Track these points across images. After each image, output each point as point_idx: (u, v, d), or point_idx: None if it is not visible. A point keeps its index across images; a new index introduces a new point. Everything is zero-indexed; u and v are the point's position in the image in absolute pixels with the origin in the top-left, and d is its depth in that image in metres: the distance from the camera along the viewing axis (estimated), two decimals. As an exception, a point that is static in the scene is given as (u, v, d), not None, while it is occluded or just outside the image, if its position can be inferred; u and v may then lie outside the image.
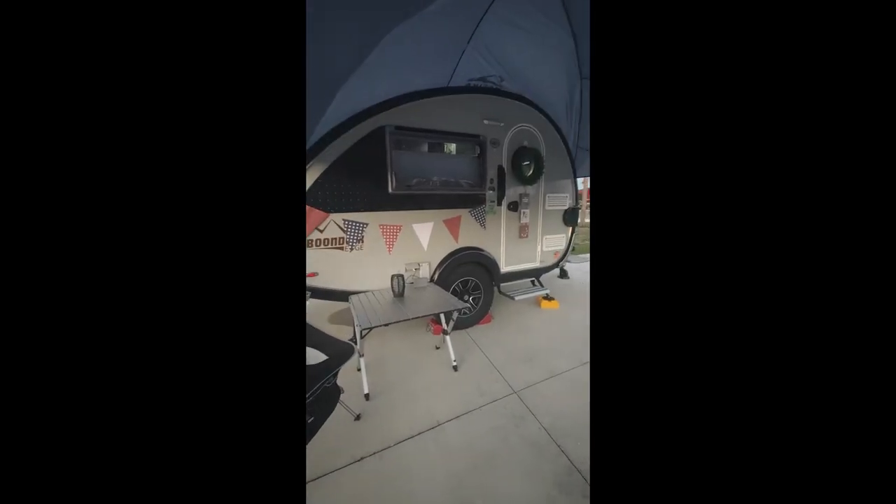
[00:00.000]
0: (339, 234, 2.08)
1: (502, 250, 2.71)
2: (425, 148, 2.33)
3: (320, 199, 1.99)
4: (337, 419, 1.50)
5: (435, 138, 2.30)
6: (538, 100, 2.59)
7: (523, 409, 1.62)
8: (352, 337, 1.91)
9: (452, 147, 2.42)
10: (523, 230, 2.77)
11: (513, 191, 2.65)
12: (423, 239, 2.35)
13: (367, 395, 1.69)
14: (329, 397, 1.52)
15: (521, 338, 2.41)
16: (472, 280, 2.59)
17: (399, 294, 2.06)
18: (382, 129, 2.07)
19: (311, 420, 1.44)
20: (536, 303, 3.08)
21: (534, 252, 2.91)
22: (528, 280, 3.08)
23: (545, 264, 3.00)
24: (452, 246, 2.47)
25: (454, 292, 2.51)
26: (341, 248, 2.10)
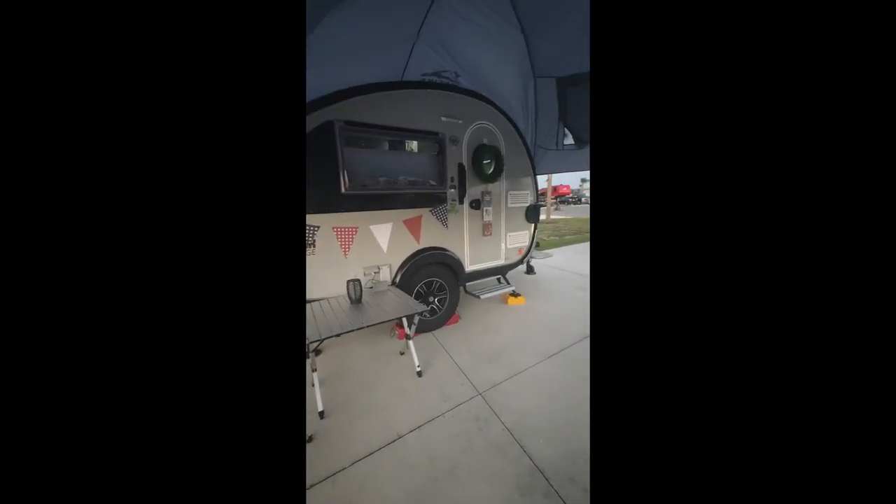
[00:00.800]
0: (286, 238, 1.90)
1: (466, 249, 2.67)
2: (381, 145, 2.22)
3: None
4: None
5: (390, 135, 2.20)
6: (494, 98, 2.59)
7: (487, 410, 1.59)
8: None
9: (411, 145, 2.33)
10: (486, 228, 2.76)
11: (475, 189, 2.63)
12: (382, 240, 2.24)
13: (321, 413, 1.56)
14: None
15: (488, 337, 2.39)
16: (436, 281, 2.52)
17: (356, 300, 1.94)
18: (331, 123, 1.92)
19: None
20: (503, 300, 3.10)
21: (498, 250, 2.91)
22: (494, 278, 3.09)
23: (510, 261, 3.02)
24: (414, 247, 2.38)
25: (418, 294, 2.44)
26: (290, 254, 1.92)
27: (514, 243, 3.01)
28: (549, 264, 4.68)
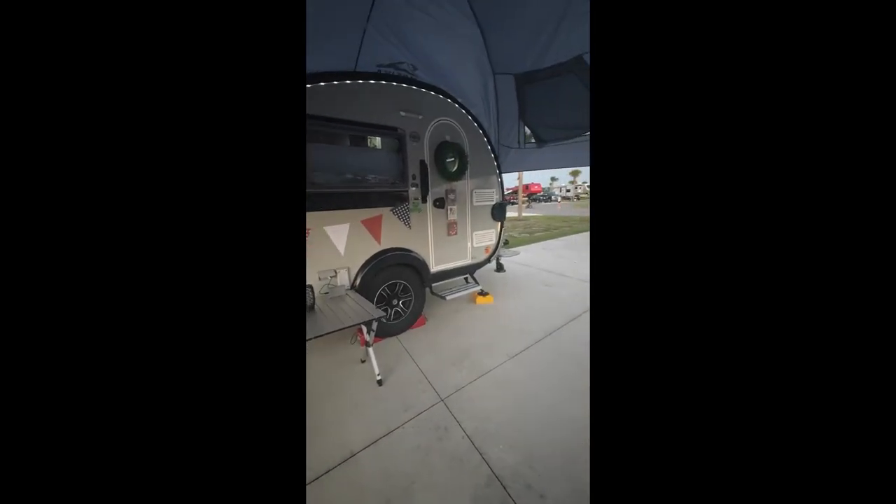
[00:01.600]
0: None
1: (431, 249, 2.60)
2: (334, 141, 2.07)
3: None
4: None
5: (345, 129, 2.06)
6: (456, 94, 2.53)
7: (449, 418, 1.53)
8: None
9: (367, 140, 2.20)
10: (452, 227, 2.70)
11: (438, 188, 2.55)
12: (339, 242, 2.09)
13: (265, 435, 1.41)
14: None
15: (455, 338, 2.34)
16: (400, 283, 2.42)
17: (309, 308, 1.79)
18: (274, 115, 1.74)
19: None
20: (472, 299, 3.07)
21: (464, 249, 2.87)
22: (462, 277, 3.05)
23: (477, 260, 3.00)
24: (374, 248, 2.26)
25: (381, 297, 2.32)
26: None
27: (480, 242, 2.98)
28: (519, 261, 4.75)
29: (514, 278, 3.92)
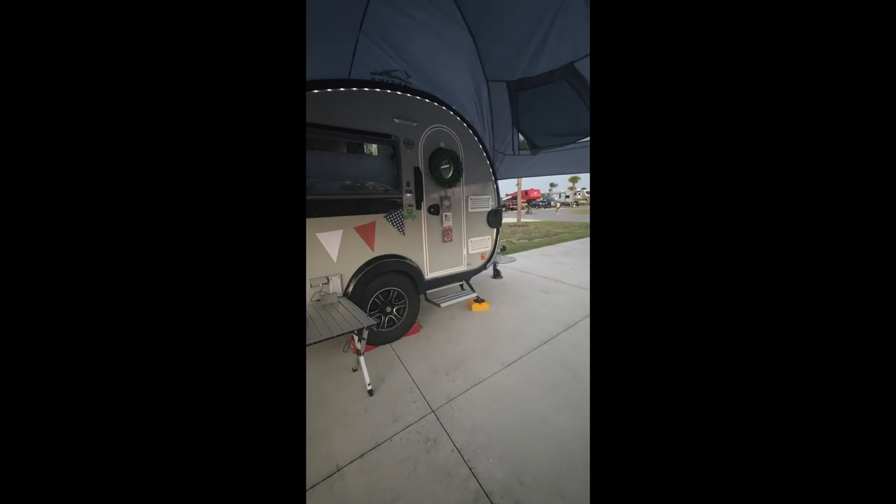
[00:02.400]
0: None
1: (425, 256, 2.58)
2: (328, 147, 2.07)
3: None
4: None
5: (339, 136, 2.06)
6: (450, 101, 2.54)
7: (439, 429, 1.50)
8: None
9: (361, 147, 2.21)
10: (447, 234, 2.69)
11: (433, 194, 2.55)
12: (332, 249, 2.08)
13: (250, 447, 1.38)
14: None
15: (449, 346, 2.31)
16: (394, 290, 2.40)
17: (299, 315, 1.77)
18: (267, 123, 1.75)
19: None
20: (468, 306, 3.04)
21: (459, 256, 2.85)
22: (458, 284, 3.02)
23: (472, 267, 2.97)
24: (368, 255, 2.25)
25: (374, 305, 2.30)
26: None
27: (476, 249, 2.97)
28: (516, 267, 4.73)
29: (511, 285, 3.89)
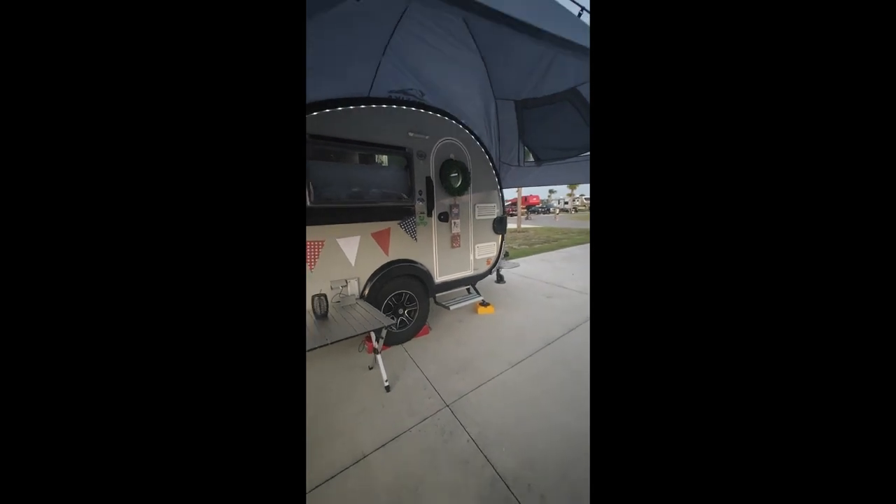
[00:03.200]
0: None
1: (435, 261, 2.71)
2: (348, 159, 2.22)
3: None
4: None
5: (357, 149, 2.21)
6: (460, 116, 2.70)
7: (454, 422, 1.61)
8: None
9: (380, 158, 2.36)
10: (455, 240, 2.83)
11: (443, 202, 2.69)
12: (350, 254, 2.21)
13: (280, 437, 1.49)
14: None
15: (457, 347, 2.42)
16: (406, 293, 2.53)
17: (322, 315, 1.89)
18: (295, 137, 1.90)
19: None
20: (473, 309, 3.16)
21: (467, 261, 2.99)
22: (464, 288, 3.15)
23: (479, 272, 3.11)
24: (382, 259, 2.38)
25: (387, 307, 2.42)
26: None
27: (482, 254, 3.11)
28: (519, 273, 4.86)
29: (514, 289, 4.02)
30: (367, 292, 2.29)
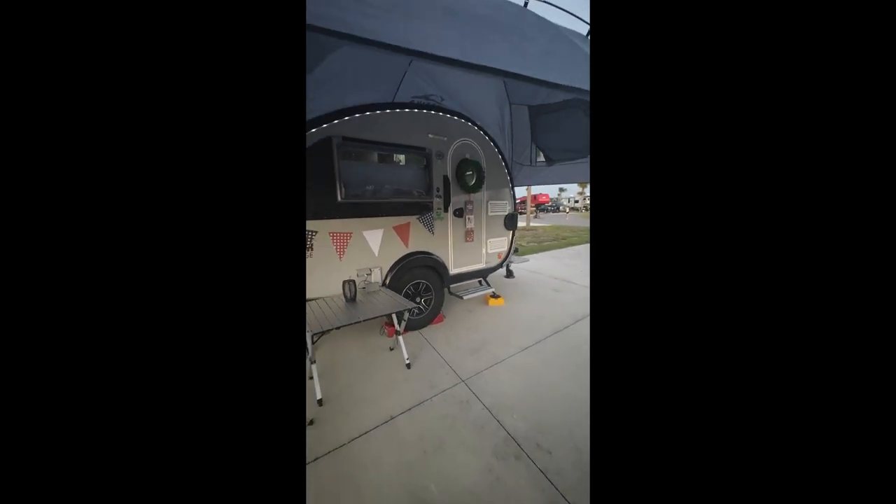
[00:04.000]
0: (285, 242, 2.06)
1: (450, 253, 2.91)
2: (373, 159, 2.43)
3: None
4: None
5: (382, 150, 2.42)
6: (476, 118, 2.88)
7: (469, 394, 1.81)
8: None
9: (400, 158, 2.56)
10: (469, 234, 3.02)
11: (458, 199, 2.88)
12: (374, 245, 2.43)
13: (319, 401, 1.71)
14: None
15: (471, 333, 2.62)
16: (423, 283, 2.73)
17: (351, 299, 2.11)
18: (329, 139, 2.12)
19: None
20: (484, 301, 3.35)
21: (479, 254, 3.17)
22: (476, 280, 3.34)
23: (490, 265, 3.29)
24: (403, 251, 2.59)
25: (406, 295, 2.63)
26: (288, 257, 2.08)
27: (494, 248, 3.28)
28: (528, 269, 5.01)
29: (523, 284, 4.18)
30: (388, 281, 2.50)
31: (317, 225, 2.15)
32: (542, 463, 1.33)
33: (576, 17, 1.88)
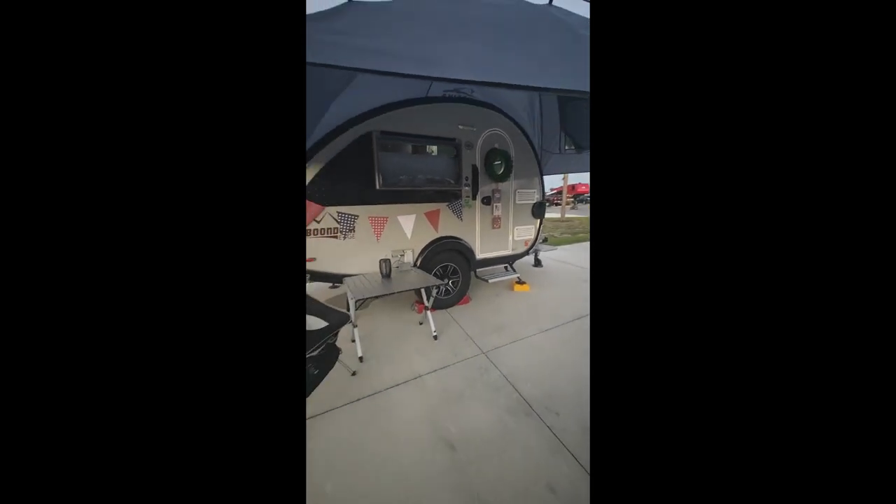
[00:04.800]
0: (333, 224, 2.39)
1: (477, 239, 3.08)
2: (408, 150, 2.66)
3: (317, 194, 2.29)
4: (336, 374, 1.84)
5: (416, 141, 2.64)
6: (505, 108, 2.96)
7: (489, 363, 2.00)
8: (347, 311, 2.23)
9: (432, 149, 2.76)
10: (496, 222, 3.15)
11: (486, 187, 3.02)
12: (407, 229, 2.68)
13: (360, 358, 2.03)
14: (330, 355, 1.86)
15: (494, 315, 2.79)
16: (450, 265, 2.94)
17: (386, 275, 2.40)
18: (370, 133, 2.38)
19: (317, 372, 1.78)
20: (510, 286, 3.48)
21: (506, 241, 3.29)
22: (502, 266, 3.47)
23: (516, 252, 3.40)
24: (433, 235, 2.82)
25: (435, 276, 2.86)
26: (336, 237, 2.42)
27: (520, 236, 3.38)
28: (557, 258, 4.98)
29: (551, 273, 4.21)
30: (419, 262, 2.75)
31: (358, 210, 2.46)
32: (550, 420, 1.49)
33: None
